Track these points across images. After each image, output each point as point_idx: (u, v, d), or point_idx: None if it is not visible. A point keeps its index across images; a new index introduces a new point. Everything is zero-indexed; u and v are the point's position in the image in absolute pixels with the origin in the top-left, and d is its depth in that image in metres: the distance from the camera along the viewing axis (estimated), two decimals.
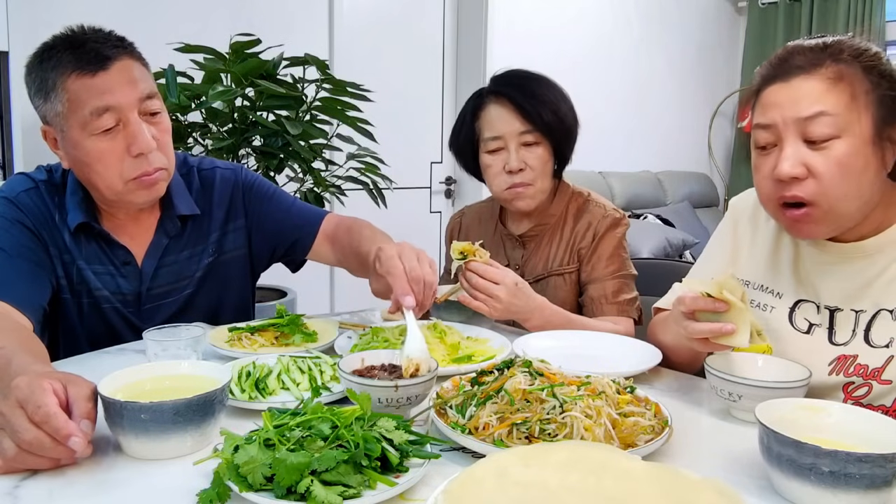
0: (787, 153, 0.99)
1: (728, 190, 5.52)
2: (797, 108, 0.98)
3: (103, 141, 1.16)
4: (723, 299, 0.96)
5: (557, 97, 1.48)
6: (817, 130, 0.97)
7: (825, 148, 0.97)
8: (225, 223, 1.42)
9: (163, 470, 0.78)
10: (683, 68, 5.09)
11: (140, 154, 1.18)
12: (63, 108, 1.15)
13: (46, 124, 1.21)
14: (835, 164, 0.97)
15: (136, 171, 1.19)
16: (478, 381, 0.91)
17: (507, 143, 1.47)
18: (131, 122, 1.16)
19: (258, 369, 1.03)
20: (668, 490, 0.62)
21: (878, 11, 4.70)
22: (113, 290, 1.30)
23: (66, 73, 1.14)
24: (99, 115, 1.14)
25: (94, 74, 1.14)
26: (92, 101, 1.13)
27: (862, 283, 1.05)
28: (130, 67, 1.18)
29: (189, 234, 1.38)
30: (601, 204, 1.55)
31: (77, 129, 1.16)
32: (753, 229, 1.23)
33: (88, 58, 1.14)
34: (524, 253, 1.58)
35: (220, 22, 2.69)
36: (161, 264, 1.34)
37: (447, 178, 3.97)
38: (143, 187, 1.21)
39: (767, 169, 1.03)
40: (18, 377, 0.77)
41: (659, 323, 1.29)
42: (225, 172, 1.45)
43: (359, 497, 0.67)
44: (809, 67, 0.99)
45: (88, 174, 1.20)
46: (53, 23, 2.34)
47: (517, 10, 3.89)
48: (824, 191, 0.98)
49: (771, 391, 0.92)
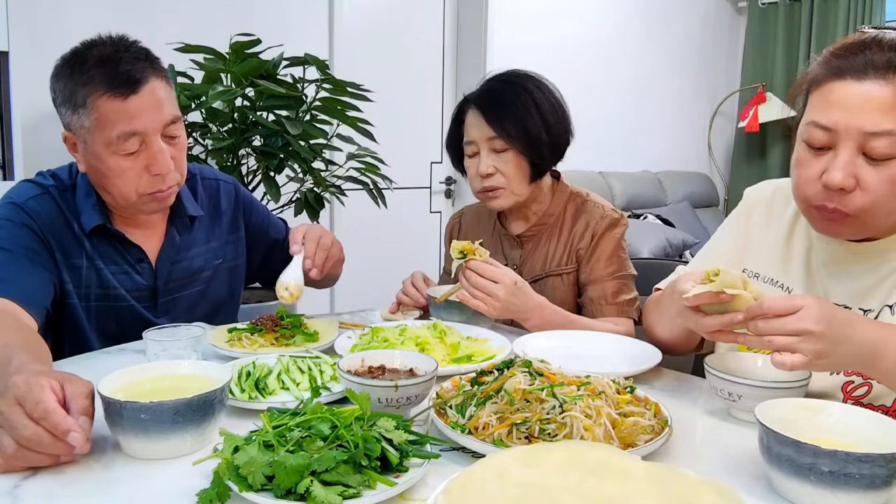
0: (842, 162, 0.93)
1: (728, 190, 5.52)
2: (864, 119, 0.92)
3: (125, 160, 1.21)
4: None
5: (528, 107, 1.47)
6: (879, 148, 0.91)
7: (882, 164, 0.92)
8: (229, 232, 1.51)
9: (163, 470, 0.78)
10: (683, 68, 5.09)
11: (158, 174, 1.23)
12: (90, 124, 1.18)
13: (69, 131, 1.23)
14: (887, 182, 0.92)
15: (152, 188, 1.25)
16: (478, 381, 0.91)
17: (479, 147, 1.51)
18: (153, 144, 1.21)
19: (258, 369, 1.03)
20: (667, 490, 0.62)
21: (878, 11, 4.70)
22: (129, 288, 1.34)
23: (98, 94, 1.16)
24: (126, 140, 1.18)
25: (125, 98, 1.17)
26: (120, 125, 1.17)
27: (872, 283, 1.05)
28: (158, 89, 1.21)
29: (197, 234, 1.44)
30: (599, 204, 1.56)
31: (101, 146, 1.19)
32: (767, 222, 1.21)
33: (120, 80, 1.16)
34: (522, 253, 1.59)
35: (220, 22, 2.69)
36: (174, 260, 1.39)
37: (447, 178, 3.97)
38: (154, 201, 1.27)
39: (815, 171, 0.97)
40: (16, 375, 0.78)
41: (653, 303, 1.29)
42: (227, 186, 1.53)
43: (359, 497, 0.67)
44: (887, 71, 0.92)
45: (105, 184, 1.25)
46: (53, 23, 2.34)
47: (517, 11, 3.89)
48: (869, 205, 0.94)
49: (771, 391, 0.92)
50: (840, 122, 0.94)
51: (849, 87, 0.94)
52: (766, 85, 5.09)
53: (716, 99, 5.34)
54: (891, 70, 0.92)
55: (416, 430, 0.80)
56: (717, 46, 5.34)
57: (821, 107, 0.97)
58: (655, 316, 1.26)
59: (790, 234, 1.17)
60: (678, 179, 5.02)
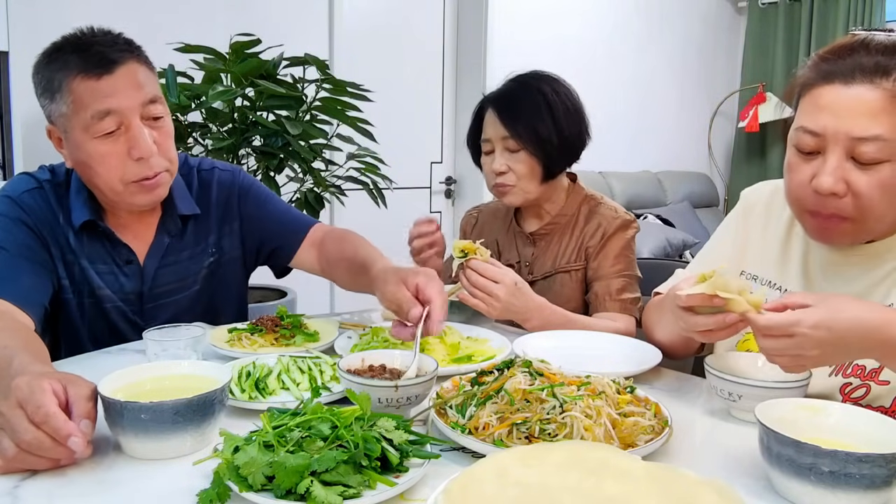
0: (831, 167, 0.93)
1: (728, 190, 5.52)
2: (852, 123, 0.91)
3: (105, 144, 1.18)
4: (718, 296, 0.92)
5: (541, 110, 1.50)
6: (868, 154, 0.91)
7: (871, 169, 0.92)
8: (221, 225, 1.44)
9: (163, 470, 0.78)
10: (683, 68, 5.09)
11: (140, 158, 1.19)
12: (67, 109, 1.16)
13: (52, 124, 1.22)
14: (877, 187, 0.92)
15: (137, 175, 1.21)
16: (478, 381, 0.91)
17: (494, 146, 1.55)
18: (133, 126, 1.18)
19: (258, 369, 1.03)
20: (667, 490, 0.62)
21: (878, 11, 4.70)
22: (115, 290, 1.31)
23: (72, 75, 1.15)
24: (101, 119, 1.16)
25: (98, 77, 1.15)
26: (95, 104, 1.15)
27: (868, 285, 1.05)
28: (135, 71, 1.19)
29: (190, 234, 1.39)
30: (612, 207, 1.60)
31: (80, 131, 1.17)
32: (765, 223, 1.21)
33: (94, 61, 1.15)
34: (534, 250, 1.61)
35: (220, 22, 2.69)
36: (162, 264, 1.35)
37: (447, 178, 3.97)
38: (143, 190, 1.23)
39: (805, 176, 0.97)
40: (18, 377, 0.77)
41: (653, 306, 1.29)
42: (223, 174, 1.46)
43: (359, 497, 0.67)
44: (875, 74, 0.91)
45: (90, 175, 1.22)
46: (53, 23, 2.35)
47: (517, 11, 3.89)
48: (861, 210, 0.94)
49: (771, 391, 0.92)
50: (828, 127, 0.93)
51: (837, 91, 0.93)
52: (766, 85, 5.09)
53: (716, 99, 5.34)
54: (878, 73, 0.92)
55: (416, 430, 0.80)
56: (717, 46, 5.34)
57: (809, 111, 0.97)
58: (656, 318, 1.26)
59: (788, 237, 1.17)
60: (678, 179, 5.02)
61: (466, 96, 3.81)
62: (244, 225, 1.46)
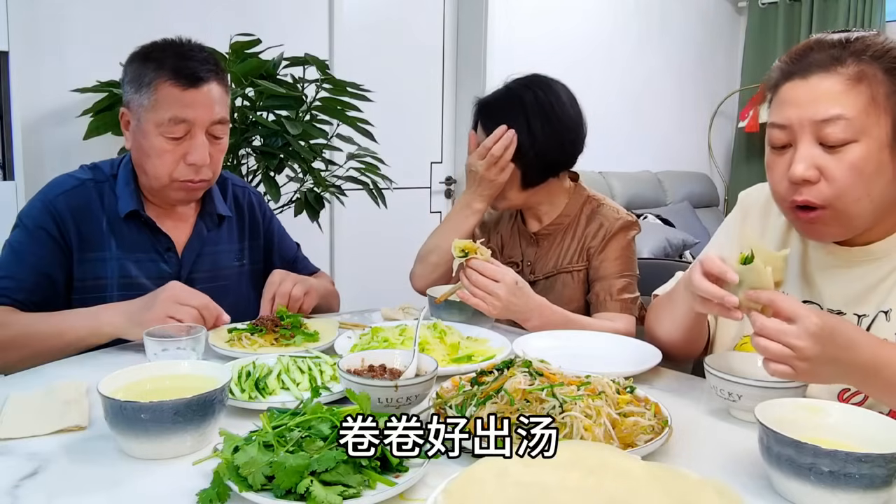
0: (801, 155, 0.97)
1: (728, 190, 5.52)
2: (814, 109, 0.96)
3: (169, 143, 1.32)
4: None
5: (518, 120, 1.49)
6: (833, 134, 0.95)
7: (840, 151, 0.95)
8: (249, 237, 1.58)
9: (163, 470, 0.78)
10: (683, 68, 5.08)
11: (193, 164, 1.33)
12: (148, 103, 1.31)
13: (126, 108, 1.36)
14: (848, 169, 0.95)
15: (185, 176, 1.35)
16: (478, 381, 0.91)
17: None
18: (197, 136, 1.33)
19: (258, 369, 1.03)
20: (668, 490, 0.62)
21: (878, 11, 4.69)
22: (153, 276, 1.39)
23: (162, 79, 1.30)
24: (175, 124, 1.31)
25: (184, 89, 1.30)
26: (174, 110, 1.30)
27: (866, 287, 1.05)
28: (215, 92, 1.35)
29: (224, 232, 1.52)
30: (614, 208, 1.60)
31: (152, 125, 1.31)
32: (763, 225, 1.21)
33: (186, 73, 1.30)
34: (537, 250, 1.62)
35: (220, 22, 2.69)
36: (200, 252, 1.47)
37: (447, 178, 3.97)
38: (184, 190, 1.37)
39: (781, 169, 1.01)
40: (144, 303, 1.19)
41: (658, 303, 1.29)
42: (253, 195, 1.63)
43: (358, 497, 0.67)
44: (829, 65, 0.96)
45: (144, 161, 1.35)
46: (53, 23, 2.33)
47: (517, 10, 3.89)
48: (836, 195, 0.96)
49: (771, 391, 0.92)
50: (793, 118, 0.98)
51: (796, 85, 0.99)
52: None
53: (716, 99, 5.34)
54: (833, 63, 0.97)
55: None
56: (716, 46, 5.34)
57: (776, 109, 1.02)
58: (663, 314, 1.24)
59: (786, 239, 1.17)
60: (678, 179, 5.02)
61: (466, 96, 3.80)
62: (265, 244, 1.62)
